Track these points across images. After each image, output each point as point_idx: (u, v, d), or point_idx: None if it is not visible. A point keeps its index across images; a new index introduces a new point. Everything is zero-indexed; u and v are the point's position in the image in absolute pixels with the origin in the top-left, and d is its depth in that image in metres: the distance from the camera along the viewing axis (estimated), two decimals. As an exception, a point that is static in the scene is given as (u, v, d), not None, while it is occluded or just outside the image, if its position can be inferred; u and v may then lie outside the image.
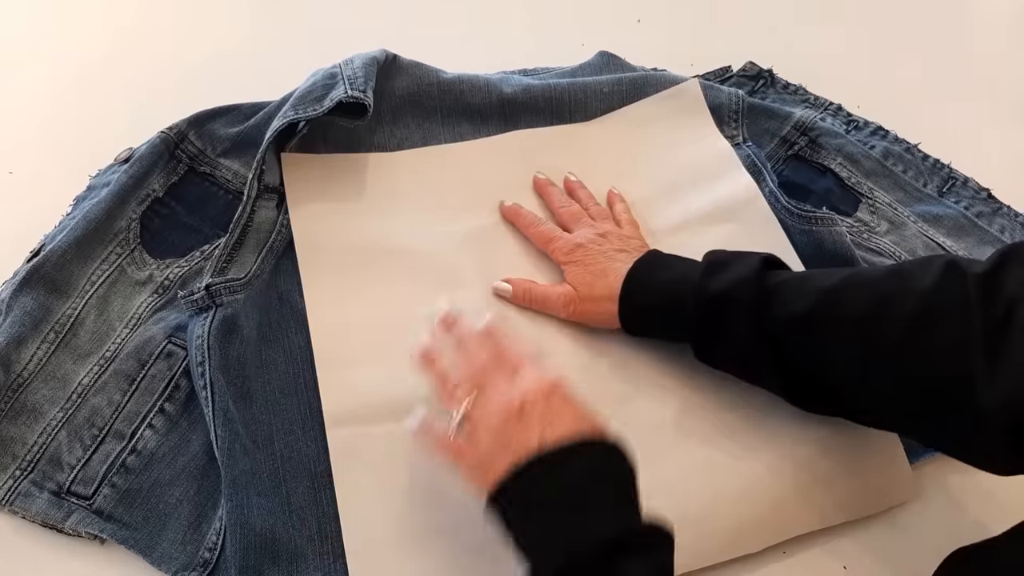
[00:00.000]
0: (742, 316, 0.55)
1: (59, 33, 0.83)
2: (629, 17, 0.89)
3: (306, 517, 0.56)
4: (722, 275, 0.56)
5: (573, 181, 0.71)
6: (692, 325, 0.57)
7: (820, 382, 0.54)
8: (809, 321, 0.52)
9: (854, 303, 0.51)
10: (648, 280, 0.60)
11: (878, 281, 0.51)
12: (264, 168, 0.65)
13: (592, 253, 0.64)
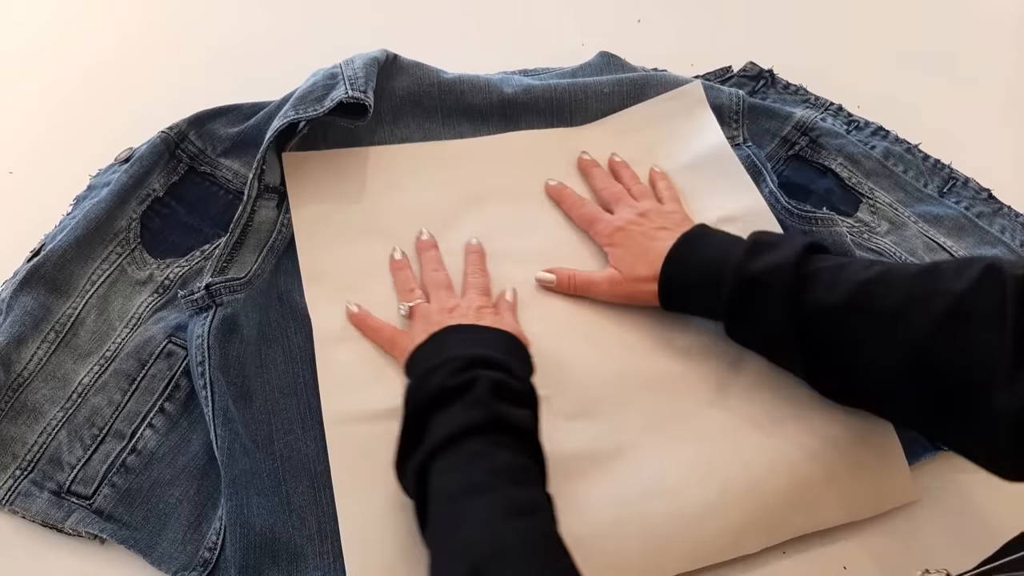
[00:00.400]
0: (777, 300, 0.55)
1: (59, 33, 0.83)
2: (629, 17, 0.89)
3: (306, 517, 0.56)
4: (764, 256, 0.57)
5: (617, 161, 0.72)
6: (727, 304, 0.58)
7: (845, 372, 0.55)
8: (841, 312, 0.53)
9: (887, 298, 0.52)
10: (689, 258, 0.61)
11: (913, 278, 0.52)
12: (264, 168, 0.65)
13: (633, 234, 0.64)
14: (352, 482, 0.56)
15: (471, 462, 0.47)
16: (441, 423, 0.49)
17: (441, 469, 0.48)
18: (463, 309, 0.60)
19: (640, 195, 0.69)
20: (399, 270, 0.65)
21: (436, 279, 0.63)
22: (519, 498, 0.46)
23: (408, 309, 0.62)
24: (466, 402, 0.50)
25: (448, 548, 0.45)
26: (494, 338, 0.57)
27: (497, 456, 0.47)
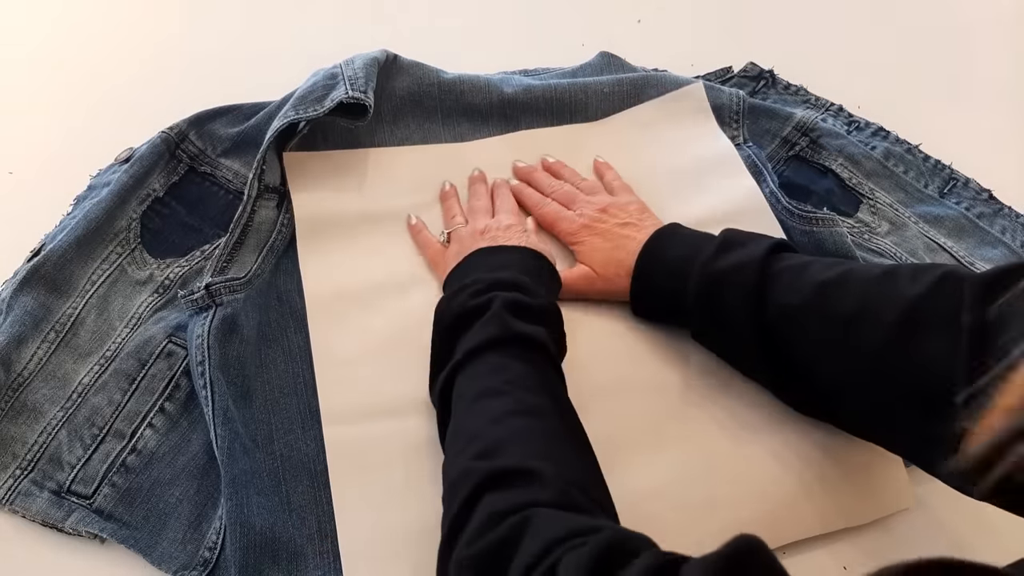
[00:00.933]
0: (740, 300, 0.55)
1: (60, 32, 0.83)
2: (629, 17, 0.89)
3: (306, 516, 0.56)
4: (731, 254, 0.57)
5: (552, 163, 0.72)
6: (693, 302, 0.58)
7: (807, 380, 0.54)
8: (801, 314, 0.52)
9: (843, 301, 0.51)
10: (660, 257, 0.61)
11: (871, 282, 0.51)
12: (264, 168, 0.65)
13: (598, 232, 0.65)
14: (350, 482, 0.56)
15: (489, 373, 0.51)
16: (463, 342, 0.53)
17: (461, 381, 0.52)
18: (493, 231, 0.64)
19: (590, 190, 0.69)
20: (447, 198, 0.69)
21: (476, 205, 0.68)
22: (529, 401, 0.49)
23: (447, 235, 0.66)
24: (484, 321, 0.53)
25: (459, 442, 0.48)
26: (518, 259, 0.60)
27: (511, 367, 0.51)
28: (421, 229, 0.67)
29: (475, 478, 0.44)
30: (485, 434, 0.47)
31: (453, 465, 0.48)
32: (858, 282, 0.51)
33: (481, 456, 0.45)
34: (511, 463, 0.44)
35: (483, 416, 0.48)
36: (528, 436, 0.47)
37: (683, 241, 0.61)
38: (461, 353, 0.52)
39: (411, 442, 0.57)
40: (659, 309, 0.62)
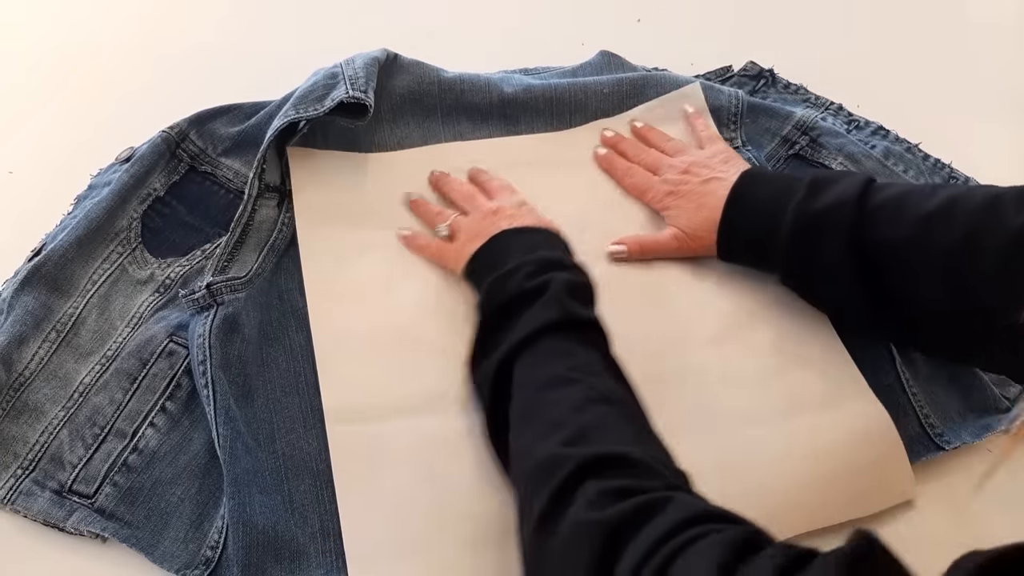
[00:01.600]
0: (839, 239, 0.56)
1: (60, 32, 0.83)
2: (629, 17, 0.89)
3: (308, 515, 0.56)
4: (825, 194, 0.58)
5: (640, 127, 0.73)
6: (788, 243, 0.58)
7: (904, 312, 0.56)
8: (903, 248, 0.54)
9: (948, 233, 0.52)
10: (747, 203, 0.62)
11: (975, 211, 0.52)
12: (265, 167, 0.65)
13: (682, 194, 0.66)
14: (354, 481, 0.56)
15: (554, 357, 0.51)
16: (523, 323, 0.53)
17: (525, 363, 0.52)
18: (508, 209, 0.63)
19: (675, 151, 0.70)
20: (418, 206, 0.68)
21: (464, 191, 0.67)
22: (601, 387, 0.49)
23: (448, 227, 0.64)
24: (544, 302, 0.53)
25: (535, 427, 0.48)
26: (548, 238, 0.61)
27: (576, 353, 0.51)
28: (415, 236, 0.66)
29: (572, 463, 0.44)
30: (568, 421, 0.47)
31: (535, 449, 0.47)
32: (963, 212, 0.52)
33: (570, 443, 0.45)
34: (606, 450, 0.45)
35: (561, 404, 0.48)
36: (613, 423, 0.47)
37: (771, 184, 0.62)
38: (520, 335, 0.52)
39: (415, 440, 0.57)
40: (747, 252, 0.63)
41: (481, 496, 0.56)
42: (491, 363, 0.53)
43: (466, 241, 0.62)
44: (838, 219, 0.56)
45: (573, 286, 0.55)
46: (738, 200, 0.62)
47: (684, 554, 0.37)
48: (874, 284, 0.56)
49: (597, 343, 0.53)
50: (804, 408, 0.60)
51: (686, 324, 0.64)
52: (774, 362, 0.63)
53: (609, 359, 0.53)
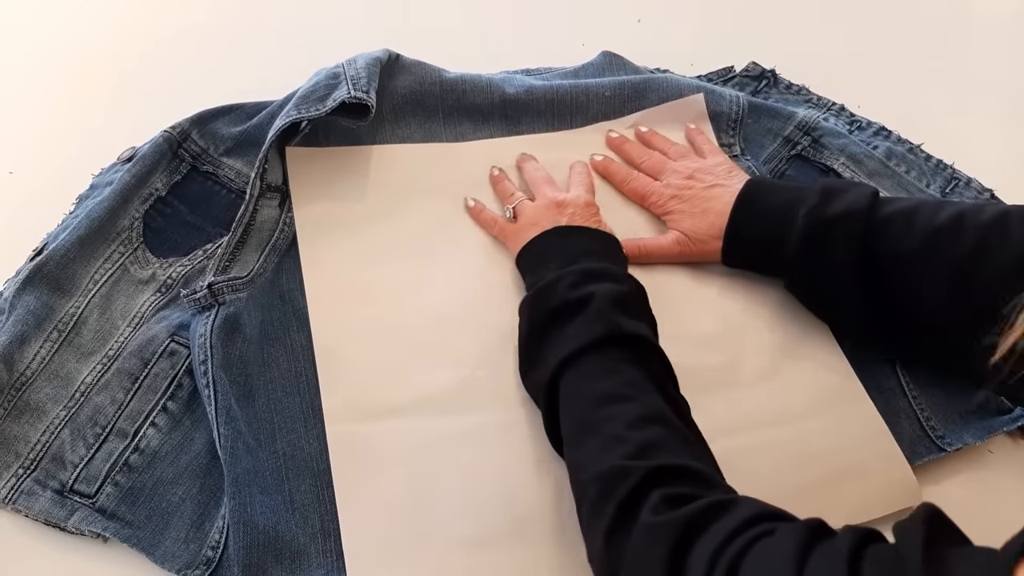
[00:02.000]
0: (849, 246, 0.57)
1: (61, 32, 0.83)
2: (629, 17, 0.89)
3: (309, 515, 0.56)
4: (837, 201, 0.58)
5: (644, 132, 0.74)
6: (799, 248, 0.59)
7: (910, 323, 0.56)
8: (914, 260, 0.55)
9: (957, 247, 0.53)
10: (756, 209, 0.62)
11: (984, 227, 0.53)
12: (267, 167, 0.65)
13: (685, 199, 0.66)
14: (353, 481, 0.56)
15: (605, 374, 0.52)
16: (567, 338, 0.54)
17: (572, 379, 0.53)
18: (571, 206, 0.64)
19: (679, 156, 0.70)
20: (498, 182, 0.69)
21: (537, 176, 0.68)
22: (655, 405, 0.50)
23: (512, 210, 0.66)
24: (587, 317, 0.54)
25: (595, 441, 0.49)
26: (600, 243, 0.62)
27: (625, 371, 0.52)
28: (482, 209, 0.68)
29: (638, 474, 0.45)
30: (628, 437, 0.47)
31: (596, 462, 0.48)
32: (972, 227, 0.53)
33: (634, 457, 0.46)
34: (670, 462, 0.46)
35: (617, 420, 0.49)
36: (670, 439, 0.48)
37: (779, 191, 0.63)
38: (567, 351, 0.53)
39: (414, 440, 0.58)
40: (754, 257, 0.64)
41: (480, 496, 0.56)
42: (540, 376, 0.54)
43: (525, 226, 0.64)
44: (850, 227, 0.57)
45: (618, 298, 0.55)
46: (746, 205, 0.63)
47: (758, 544, 0.39)
48: (880, 294, 0.57)
49: (646, 359, 0.53)
50: (800, 412, 0.60)
51: (683, 327, 0.64)
52: (771, 366, 0.63)
53: (659, 373, 0.53)
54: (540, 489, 0.56)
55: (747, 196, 0.63)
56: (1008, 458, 0.62)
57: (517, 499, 0.56)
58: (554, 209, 0.64)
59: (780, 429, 0.60)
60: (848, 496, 0.58)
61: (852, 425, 0.60)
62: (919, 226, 0.55)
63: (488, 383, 0.60)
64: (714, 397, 0.61)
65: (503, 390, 0.60)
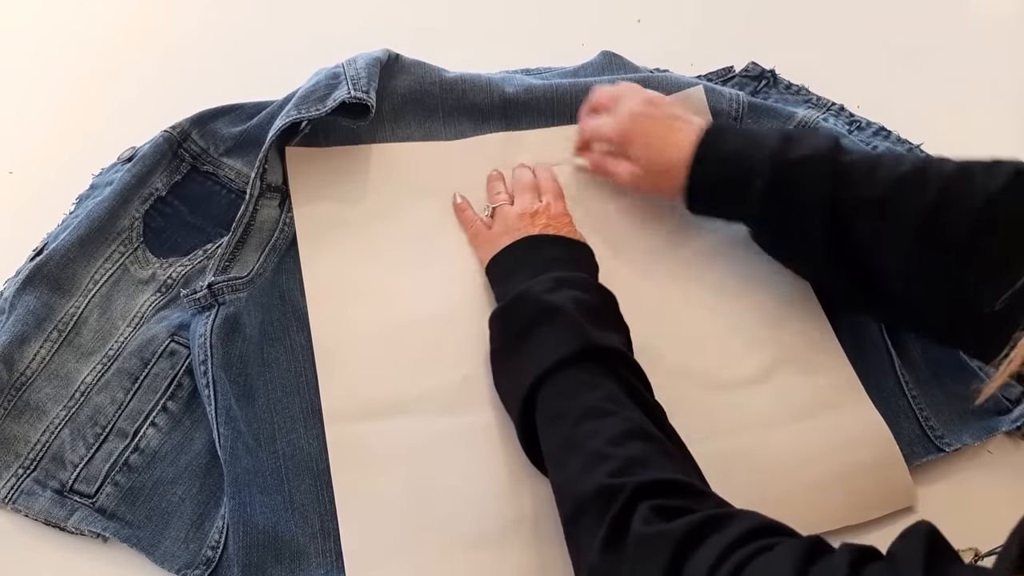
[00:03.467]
0: (814, 192, 0.56)
1: (61, 32, 0.83)
2: (629, 17, 0.89)
3: (308, 515, 0.56)
4: (799, 146, 0.58)
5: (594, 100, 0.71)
6: (762, 193, 0.58)
7: (872, 270, 0.56)
8: (878, 207, 0.54)
9: (922, 195, 0.53)
10: (720, 150, 0.60)
11: (948, 177, 0.53)
12: (267, 167, 0.65)
13: (649, 116, 0.64)
14: (352, 480, 0.56)
15: (582, 390, 0.51)
16: (540, 351, 0.54)
17: (550, 394, 0.52)
18: (543, 215, 0.64)
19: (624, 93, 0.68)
20: (492, 180, 0.69)
21: (523, 180, 0.68)
22: (635, 419, 0.50)
23: (491, 210, 0.66)
24: (559, 330, 0.54)
25: (577, 459, 0.48)
26: (571, 252, 0.61)
27: (603, 384, 0.51)
28: (466, 207, 0.68)
29: (626, 491, 0.44)
30: (611, 454, 0.47)
31: (581, 482, 0.47)
32: (935, 176, 0.53)
33: (618, 474, 0.46)
34: (657, 476, 0.45)
35: (599, 436, 0.48)
36: (654, 454, 0.48)
37: (743, 133, 0.62)
38: (544, 365, 0.52)
39: (413, 440, 0.58)
40: (719, 202, 0.62)
41: (479, 495, 0.56)
42: (516, 391, 0.54)
43: (499, 233, 0.64)
44: (815, 169, 0.56)
45: (588, 307, 0.55)
46: (709, 148, 0.60)
47: (755, 561, 0.39)
48: (844, 242, 0.56)
49: (622, 372, 0.53)
50: (800, 412, 0.60)
51: (682, 328, 0.64)
52: (771, 366, 0.63)
53: (633, 385, 0.52)
54: (539, 489, 0.56)
55: (709, 139, 0.61)
56: (1007, 458, 0.62)
57: (516, 498, 0.56)
58: (527, 219, 0.64)
59: (780, 429, 0.60)
60: (846, 497, 0.58)
61: (852, 425, 0.60)
62: (882, 174, 0.55)
63: (487, 382, 0.60)
64: (714, 397, 0.61)
65: (502, 390, 0.60)
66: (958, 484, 0.61)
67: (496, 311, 0.59)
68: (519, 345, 0.56)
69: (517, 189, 0.68)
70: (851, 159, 0.57)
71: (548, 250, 0.61)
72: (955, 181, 0.52)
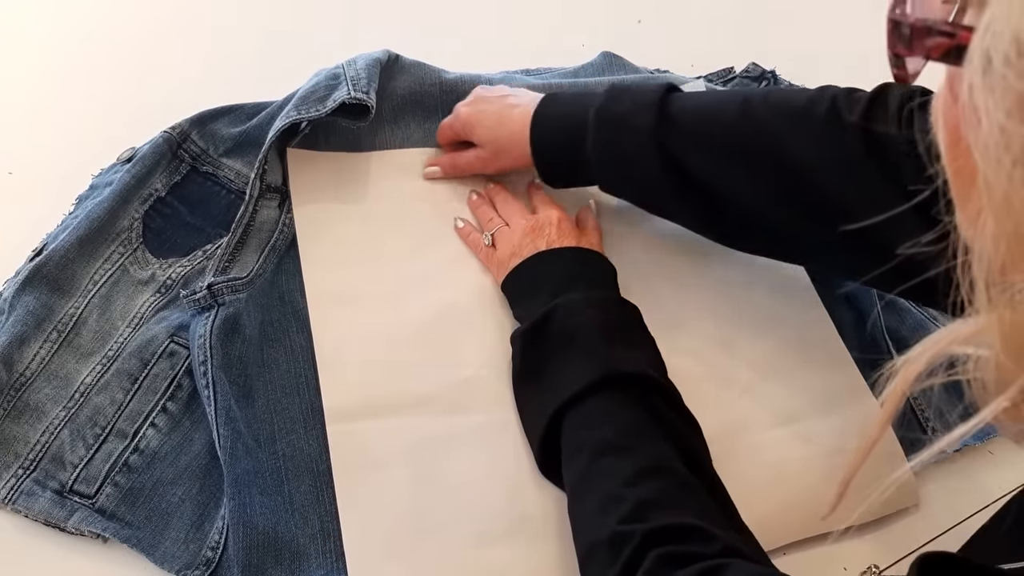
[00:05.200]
0: (645, 139, 0.57)
1: (61, 32, 0.83)
2: (629, 17, 0.89)
3: (308, 515, 0.56)
4: (622, 100, 0.59)
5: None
6: (594, 149, 0.59)
7: (724, 202, 0.57)
8: (710, 149, 0.56)
9: (755, 136, 0.54)
10: (552, 116, 0.62)
11: (773, 108, 0.55)
12: (266, 168, 0.65)
13: (487, 100, 0.67)
14: (353, 481, 0.56)
15: (603, 423, 0.51)
16: (562, 381, 0.54)
17: (570, 426, 0.53)
18: (544, 228, 0.63)
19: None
20: (478, 206, 0.69)
21: (510, 207, 0.67)
22: (654, 453, 0.50)
23: (491, 237, 0.65)
24: (582, 357, 0.54)
25: (592, 499, 0.49)
26: (584, 264, 0.61)
27: (624, 417, 0.51)
28: (470, 231, 0.67)
29: (635, 540, 0.44)
30: (625, 496, 0.47)
31: (594, 525, 0.48)
32: (760, 112, 0.55)
33: (629, 520, 0.46)
34: (667, 522, 0.45)
35: (615, 476, 0.49)
36: (669, 493, 0.48)
37: (573, 95, 0.64)
38: (565, 395, 0.53)
39: (415, 440, 0.58)
40: (564, 167, 0.64)
41: (481, 495, 0.56)
42: (539, 419, 0.54)
43: (506, 256, 0.63)
44: (638, 121, 0.57)
45: (611, 328, 0.55)
46: (541, 118, 0.63)
47: None
48: (686, 184, 0.57)
49: (646, 399, 0.53)
50: (804, 412, 0.60)
51: (684, 328, 0.64)
52: (774, 366, 0.63)
53: (658, 412, 0.52)
54: (540, 489, 0.56)
55: (541, 108, 0.63)
56: (1008, 459, 0.62)
57: (518, 499, 0.56)
58: (531, 234, 0.63)
59: (785, 429, 0.60)
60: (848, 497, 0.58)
61: (857, 424, 0.60)
62: (709, 116, 0.56)
63: (489, 383, 0.60)
64: (717, 397, 0.61)
65: (504, 390, 0.60)
66: (958, 484, 0.61)
67: (517, 332, 0.59)
68: (540, 373, 0.56)
69: (507, 213, 0.67)
70: (682, 105, 0.57)
71: (563, 266, 0.61)
72: (782, 111, 0.54)
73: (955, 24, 0.28)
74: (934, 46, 0.28)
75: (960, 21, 0.28)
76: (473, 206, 0.69)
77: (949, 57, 0.28)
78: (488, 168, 0.68)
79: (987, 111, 0.25)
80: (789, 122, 0.54)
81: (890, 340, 0.65)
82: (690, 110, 0.57)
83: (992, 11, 0.25)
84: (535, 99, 0.64)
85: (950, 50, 0.28)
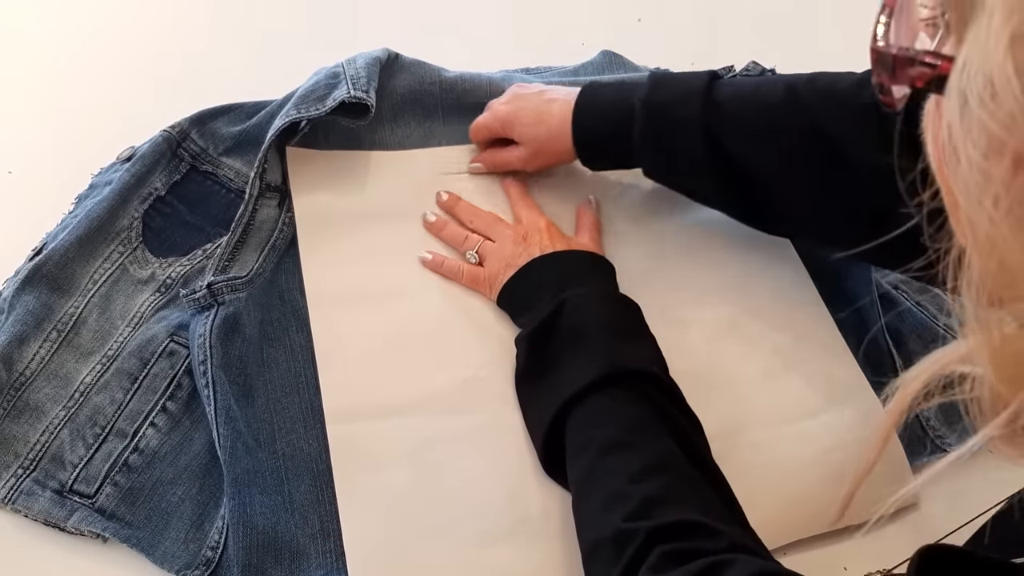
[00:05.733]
0: (692, 127, 0.57)
1: (61, 31, 0.83)
2: (629, 16, 0.89)
3: (308, 515, 0.56)
4: (670, 87, 0.59)
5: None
6: (640, 138, 0.59)
7: (767, 192, 0.57)
8: (756, 138, 0.56)
9: (797, 123, 0.55)
10: (595, 105, 0.62)
11: (821, 95, 0.55)
12: (266, 167, 0.65)
13: (523, 99, 0.66)
14: (354, 481, 0.56)
15: (607, 420, 0.52)
16: (565, 378, 0.54)
17: (574, 424, 0.53)
18: (534, 234, 0.63)
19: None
20: (442, 228, 0.66)
21: (484, 219, 0.66)
22: (658, 450, 0.50)
23: (476, 255, 0.64)
24: (585, 354, 0.54)
25: (597, 497, 0.49)
26: (580, 265, 0.61)
27: (628, 415, 0.51)
28: (442, 261, 0.65)
29: (640, 537, 0.44)
30: (629, 493, 0.47)
31: (599, 523, 0.48)
32: (810, 95, 0.55)
33: (634, 517, 0.46)
34: (672, 518, 0.45)
35: (619, 473, 0.49)
36: (674, 488, 0.48)
37: (614, 85, 0.63)
38: (569, 392, 0.53)
39: (415, 440, 0.58)
40: (608, 155, 0.64)
41: (482, 495, 0.56)
42: (542, 416, 0.54)
43: (498, 270, 0.62)
44: (684, 110, 0.57)
45: (612, 324, 0.55)
46: (583, 108, 0.62)
47: None
48: (733, 177, 0.57)
49: (650, 394, 0.53)
50: (805, 410, 0.60)
51: (685, 327, 0.64)
52: (775, 364, 0.63)
53: (661, 408, 0.52)
54: (542, 488, 0.56)
55: (582, 99, 0.63)
56: (1008, 458, 0.62)
57: (519, 498, 0.56)
58: (523, 242, 0.62)
59: (784, 428, 0.60)
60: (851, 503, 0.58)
61: (857, 424, 0.60)
62: (756, 105, 0.56)
63: (490, 383, 0.60)
64: (719, 395, 0.61)
65: (505, 390, 0.60)
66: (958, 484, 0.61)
67: (523, 335, 0.59)
68: (544, 371, 0.56)
69: (484, 227, 0.66)
70: (728, 92, 0.58)
71: (563, 267, 0.60)
72: (827, 98, 0.54)
73: (936, 54, 0.28)
74: (917, 76, 0.28)
75: (941, 50, 0.28)
76: (436, 230, 0.67)
77: (931, 86, 0.28)
78: (528, 166, 0.68)
79: (965, 151, 0.25)
80: (836, 109, 0.54)
81: (890, 340, 0.65)
82: (736, 97, 0.57)
83: (967, 50, 0.25)
84: (572, 93, 0.64)
85: (932, 80, 0.27)
